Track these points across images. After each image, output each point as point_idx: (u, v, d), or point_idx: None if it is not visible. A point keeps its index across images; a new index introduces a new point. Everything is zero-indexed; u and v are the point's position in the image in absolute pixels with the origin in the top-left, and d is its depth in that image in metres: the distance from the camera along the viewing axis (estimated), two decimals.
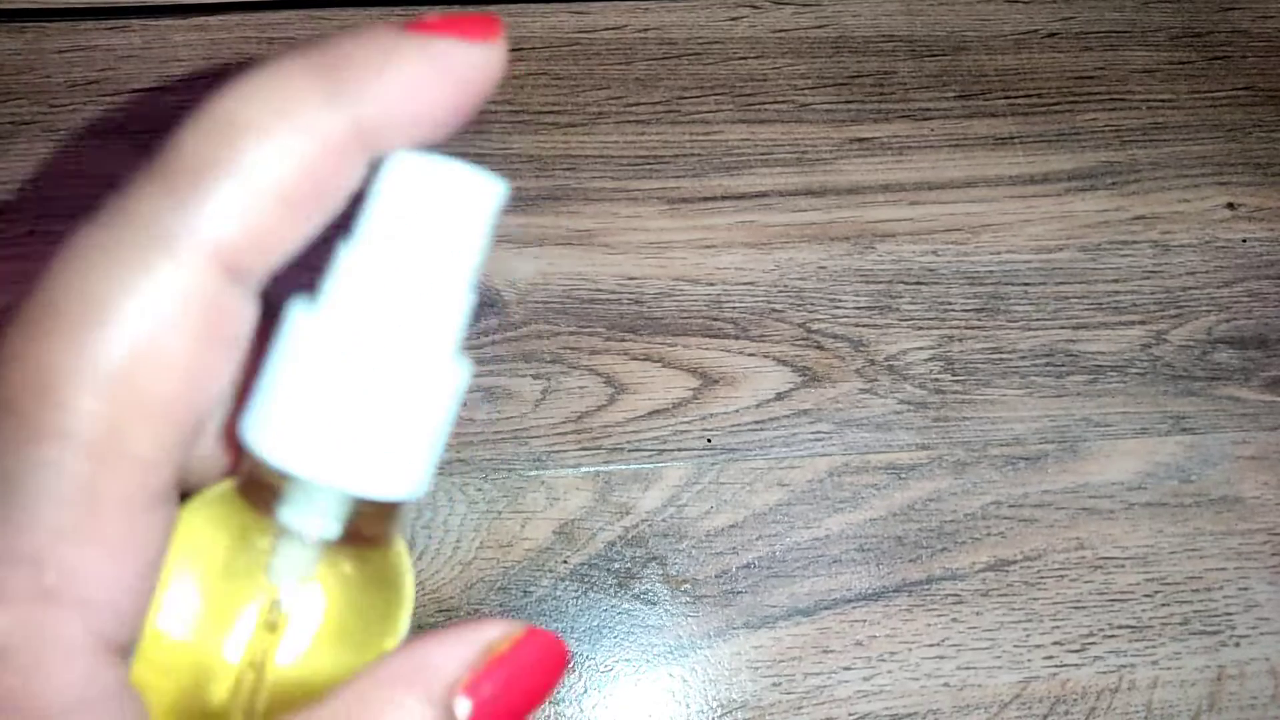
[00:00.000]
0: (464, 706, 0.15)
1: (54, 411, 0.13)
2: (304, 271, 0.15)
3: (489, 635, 0.16)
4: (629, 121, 0.47)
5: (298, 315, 0.15)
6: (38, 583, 0.13)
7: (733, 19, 0.50)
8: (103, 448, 0.13)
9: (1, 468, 0.13)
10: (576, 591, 0.39)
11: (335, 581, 0.16)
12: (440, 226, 0.16)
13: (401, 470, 0.16)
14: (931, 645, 0.39)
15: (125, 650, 0.14)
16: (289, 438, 0.15)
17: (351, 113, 0.14)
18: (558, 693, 0.37)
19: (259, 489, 0.16)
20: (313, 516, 0.16)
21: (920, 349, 0.44)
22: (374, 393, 0.15)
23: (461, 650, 0.15)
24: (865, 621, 0.39)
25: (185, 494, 0.16)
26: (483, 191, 0.17)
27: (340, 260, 0.16)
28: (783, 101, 0.48)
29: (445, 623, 0.28)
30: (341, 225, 0.16)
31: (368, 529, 0.16)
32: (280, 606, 0.16)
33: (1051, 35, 0.51)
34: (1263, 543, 0.42)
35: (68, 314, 0.14)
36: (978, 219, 0.47)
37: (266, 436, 0.15)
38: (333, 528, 0.16)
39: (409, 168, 0.16)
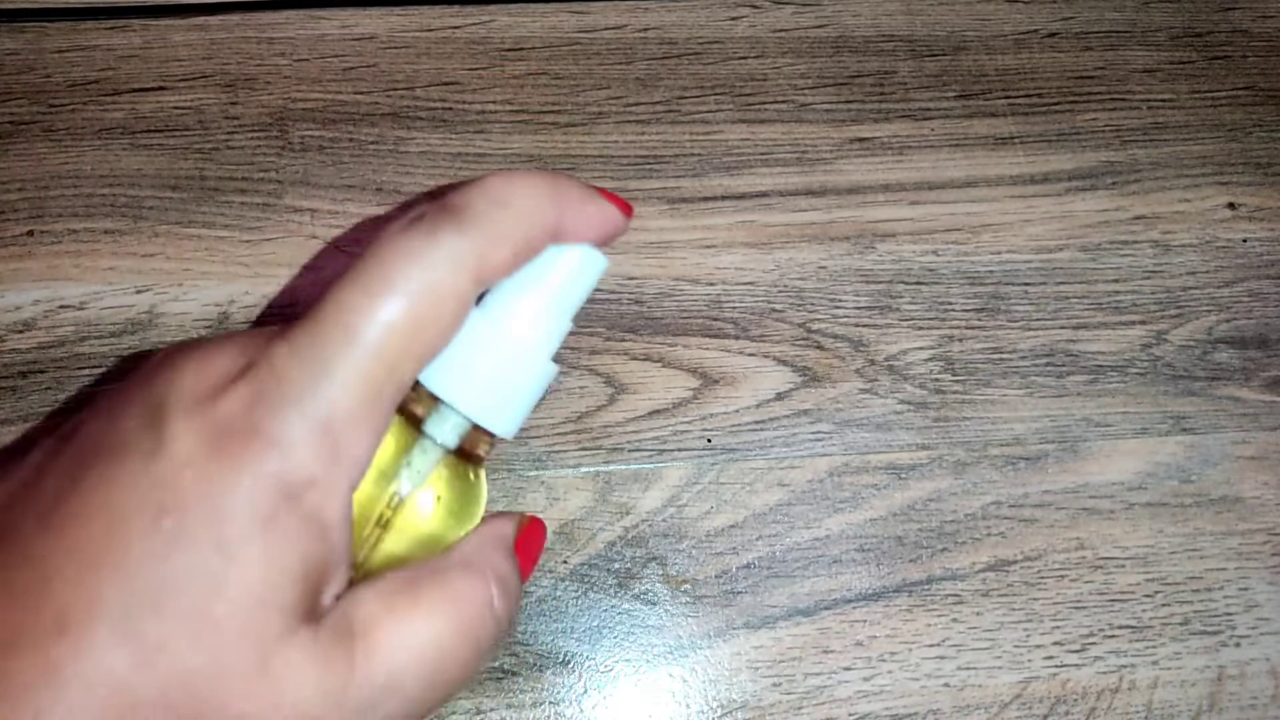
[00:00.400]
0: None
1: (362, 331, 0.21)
2: None
3: (515, 520, 0.26)
4: (629, 121, 0.47)
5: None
6: (333, 449, 0.20)
7: (733, 19, 0.50)
8: (388, 365, 0.21)
9: (323, 359, 0.21)
10: (576, 591, 0.39)
11: (444, 483, 0.25)
12: (559, 280, 0.25)
13: (503, 416, 0.25)
14: (932, 645, 0.39)
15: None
16: (448, 378, 0.24)
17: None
18: (557, 693, 0.37)
19: (419, 407, 0.24)
20: (444, 429, 0.24)
21: (920, 349, 0.44)
22: (501, 366, 0.24)
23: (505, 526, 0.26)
24: (865, 621, 0.39)
25: None
26: (590, 262, 0.26)
27: (498, 286, 0.25)
28: (783, 101, 0.48)
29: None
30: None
31: (471, 448, 0.25)
32: (403, 491, 0.24)
33: (1052, 35, 0.51)
34: (1263, 543, 0.42)
35: (386, 281, 0.21)
36: (978, 219, 0.47)
37: (435, 375, 0.24)
38: (452, 439, 0.25)
39: (551, 251, 0.25)
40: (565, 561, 0.39)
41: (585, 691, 0.38)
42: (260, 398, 0.20)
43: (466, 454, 0.25)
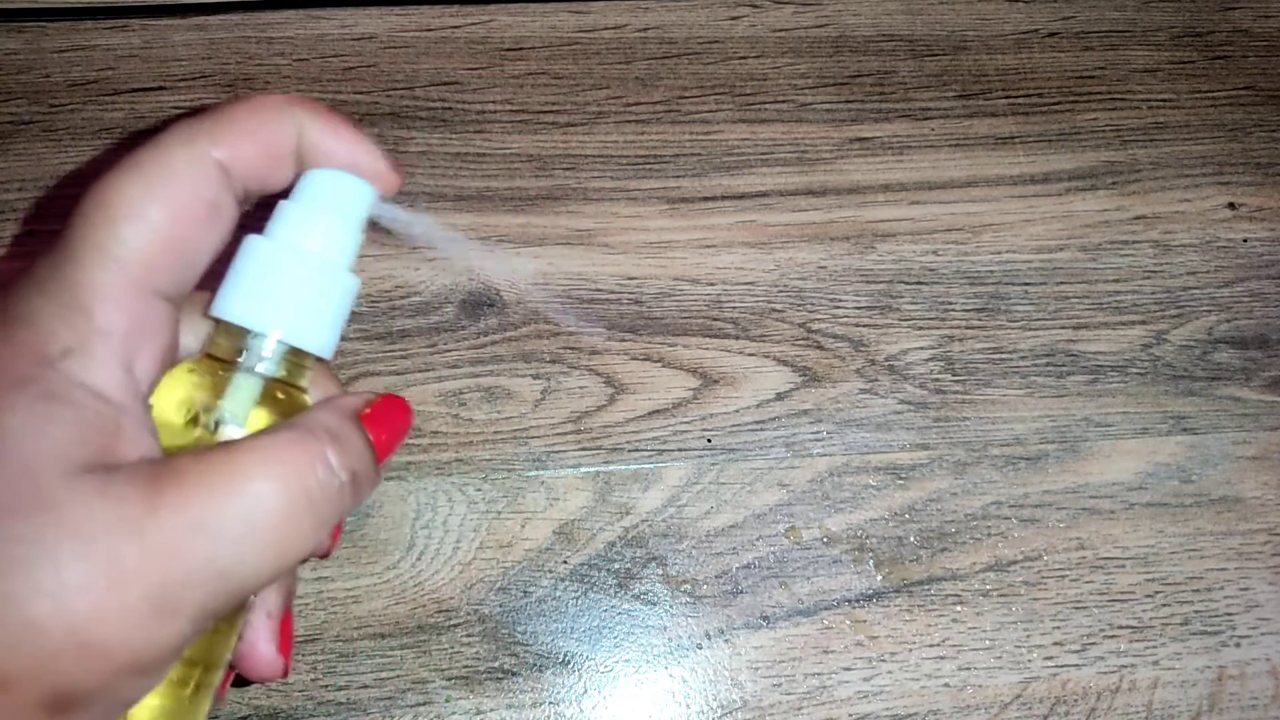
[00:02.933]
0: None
1: (111, 227, 0.22)
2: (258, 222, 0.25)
3: (365, 395, 0.25)
4: (629, 121, 0.47)
5: (251, 239, 0.24)
6: (86, 322, 0.21)
7: (733, 18, 0.50)
8: (132, 245, 0.22)
9: (67, 245, 0.22)
10: (576, 591, 0.39)
11: (270, 417, 0.24)
12: (337, 196, 0.25)
13: (316, 334, 0.24)
14: (932, 645, 0.39)
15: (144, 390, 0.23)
16: (248, 306, 0.24)
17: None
18: (557, 693, 0.37)
19: (224, 349, 0.24)
20: (259, 358, 0.24)
21: (920, 349, 0.44)
22: (300, 283, 0.24)
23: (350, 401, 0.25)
24: (865, 621, 0.39)
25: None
26: (365, 189, 0.26)
27: (280, 211, 0.25)
28: (783, 101, 0.48)
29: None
30: (282, 195, 0.25)
31: (292, 377, 0.25)
32: (229, 429, 0.24)
33: (1052, 35, 0.51)
34: (1263, 543, 0.42)
35: (123, 173, 0.22)
36: (978, 219, 0.46)
37: (233, 306, 0.24)
38: (271, 366, 0.24)
39: (320, 172, 0.25)
40: (565, 561, 0.39)
41: (585, 691, 0.38)
42: (13, 288, 0.22)
43: (288, 384, 0.25)
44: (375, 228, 0.26)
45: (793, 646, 0.39)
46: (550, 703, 0.37)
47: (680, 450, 0.41)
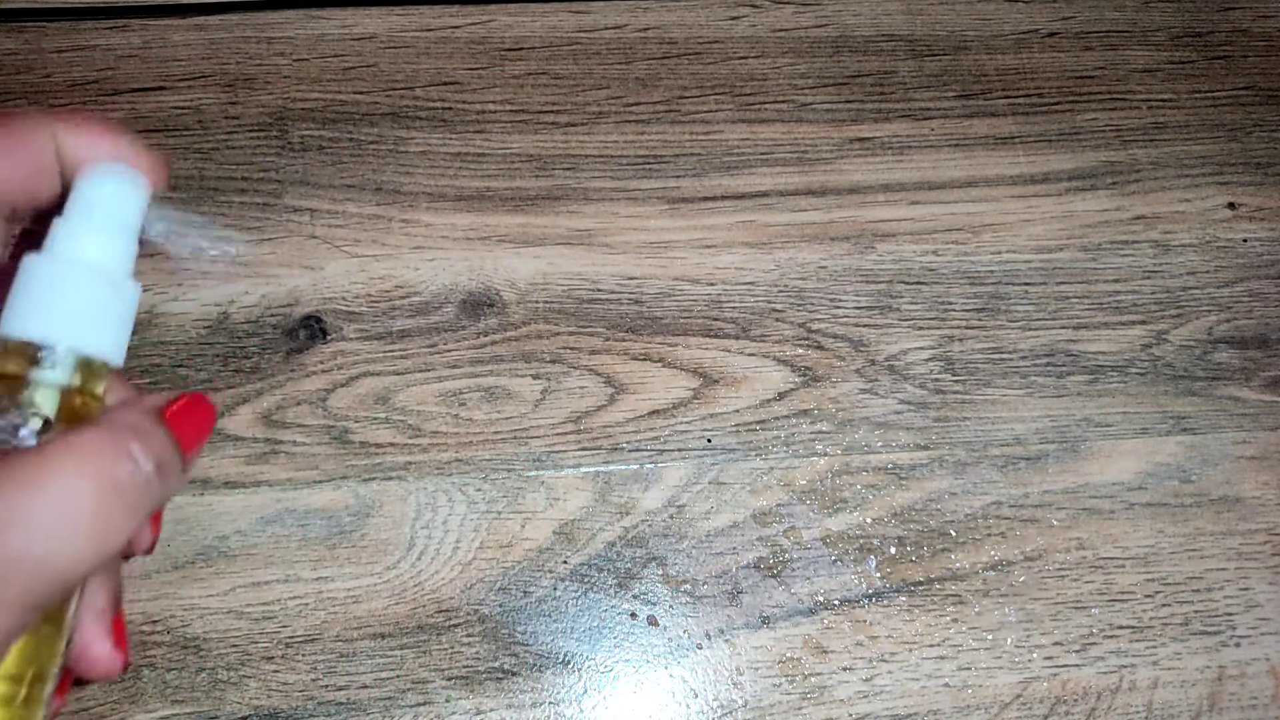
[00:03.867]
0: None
1: None
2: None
3: (166, 395, 0.26)
4: (629, 121, 0.47)
5: (29, 258, 0.24)
6: None
7: (733, 18, 0.50)
8: None
9: None
10: (576, 591, 0.39)
11: (67, 421, 0.24)
12: (107, 203, 0.25)
13: (106, 340, 0.25)
14: (932, 645, 0.39)
15: None
16: (33, 320, 0.24)
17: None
18: (557, 693, 0.37)
19: (14, 367, 0.24)
20: (52, 369, 0.24)
21: (920, 349, 0.44)
22: (82, 293, 0.25)
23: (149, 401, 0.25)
24: (865, 621, 0.39)
25: None
26: (136, 182, 0.26)
27: (54, 226, 0.25)
28: (783, 101, 0.48)
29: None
30: (57, 210, 0.25)
31: (87, 387, 0.25)
32: (25, 442, 0.23)
33: (1052, 35, 0.51)
34: (1263, 543, 0.42)
35: None
36: (978, 219, 0.46)
37: (18, 323, 0.24)
38: (64, 375, 0.24)
39: (89, 176, 0.26)
40: (565, 561, 0.39)
41: (585, 692, 0.38)
42: None
43: (84, 393, 0.25)
44: (145, 247, 0.27)
45: (793, 646, 0.39)
46: (550, 703, 0.37)
47: (680, 450, 0.41)
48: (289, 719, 0.36)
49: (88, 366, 0.25)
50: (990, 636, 0.40)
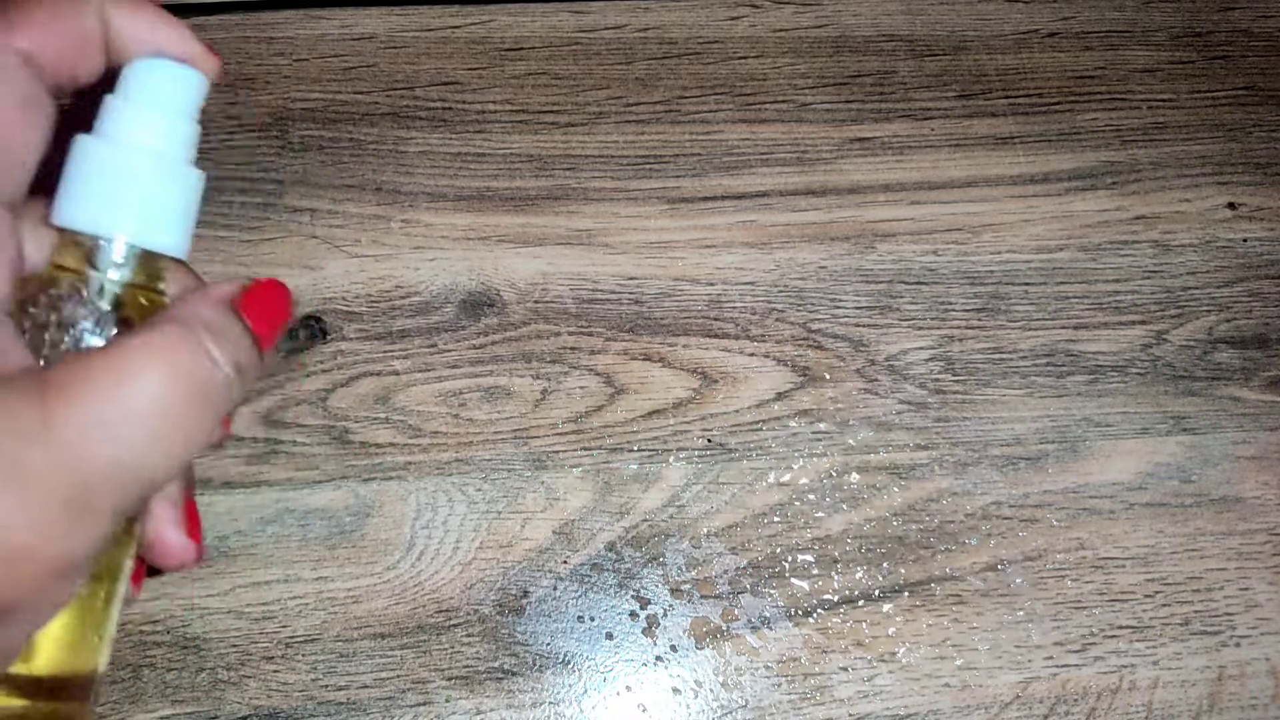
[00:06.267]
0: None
1: None
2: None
3: (239, 282, 0.24)
4: (629, 121, 0.47)
5: (82, 139, 0.23)
6: None
7: (733, 18, 0.50)
8: None
9: None
10: (576, 592, 0.39)
11: (130, 315, 0.23)
12: (163, 86, 0.24)
13: (167, 232, 0.23)
14: (932, 645, 0.39)
15: None
16: (90, 211, 0.23)
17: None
18: (557, 693, 0.37)
19: (73, 258, 0.23)
20: (113, 264, 0.23)
21: (920, 349, 0.44)
22: (141, 181, 0.23)
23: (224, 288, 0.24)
24: (865, 621, 0.39)
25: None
26: (193, 77, 0.25)
27: (107, 106, 0.24)
28: (783, 101, 0.48)
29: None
30: (101, 87, 0.24)
31: (149, 281, 0.24)
32: (87, 340, 0.23)
33: (1052, 35, 0.51)
34: (1263, 543, 0.42)
35: None
36: (978, 219, 0.46)
37: (75, 212, 0.23)
38: (125, 273, 0.23)
39: (146, 60, 0.24)
40: (565, 561, 0.39)
41: (585, 692, 0.38)
42: None
43: (147, 289, 0.24)
44: None
45: (793, 646, 0.39)
46: (550, 703, 0.37)
47: (680, 450, 0.41)
48: (289, 719, 0.36)
49: (150, 260, 0.24)
50: (990, 636, 0.40)
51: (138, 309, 0.24)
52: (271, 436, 0.39)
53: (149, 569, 0.27)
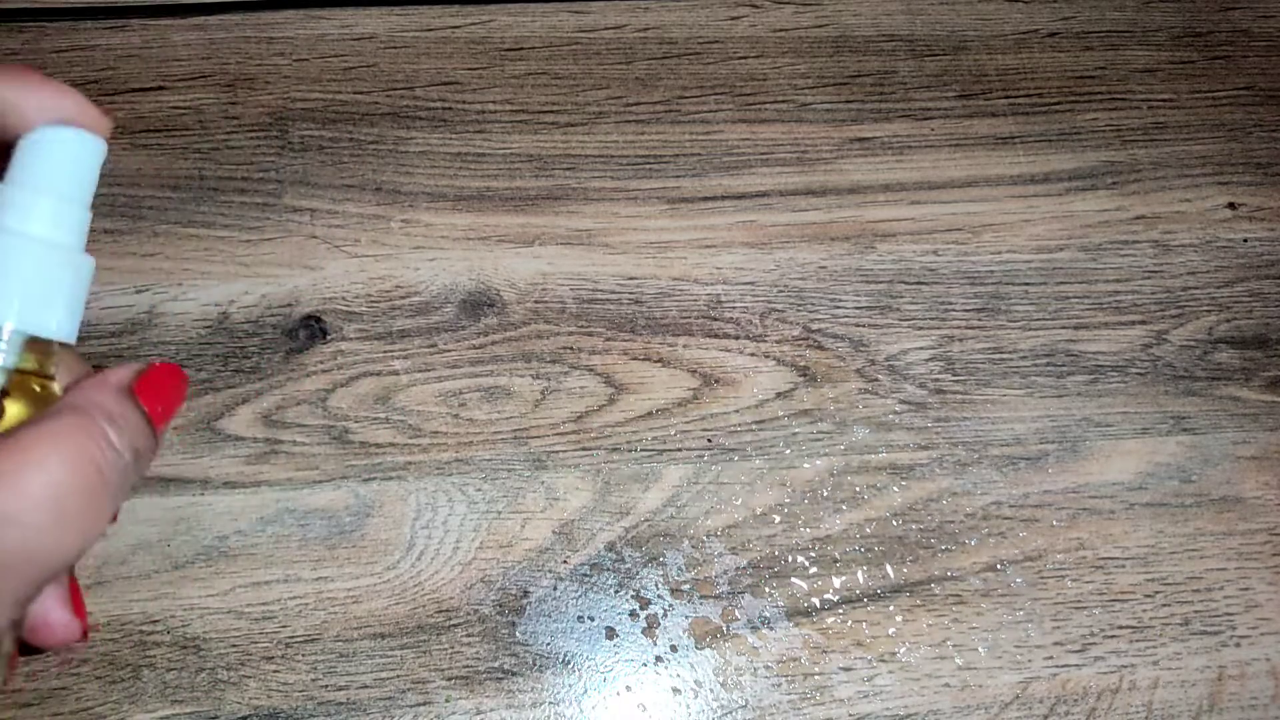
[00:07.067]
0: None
1: None
2: None
3: (134, 366, 0.25)
4: (629, 121, 0.47)
5: None
6: None
7: (733, 18, 0.50)
8: None
9: None
10: (576, 592, 0.39)
11: (18, 408, 0.23)
12: (61, 169, 0.24)
13: (56, 318, 0.24)
14: (932, 645, 0.39)
15: None
16: None
17: None
18: (557, 693, 0.37)
19: None
20: (3, 351, 0.23)
21: (920, 349, 0.44)
22: (31, 268, 0.23)
23: (118, 375, 0.24)
24: (865, 621, 0.39)
25: None
26: (90, 145, 0.24)
27: (3, 197, 0.23)
28: (783, 101, 0.48)
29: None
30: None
31: (38, 367, 0.24)
32: None
33: (1052, 35, 0.51)
34: (1263, 543, 0.42)
35: None
36: (978, 219, 0.46)
37: None
38: (13, 358, 0.23)
39: (36, 136, 0.24)
40: (565, 561, 0.39)
41: (585, 692, 0.38)
42: None
43: (36, 374, 0.24)
44: None
45: (792, 646, 0.39)
46: (550, 703, 0.37)
47: (680, 450, 0.41)
48: (289, 719, 0.36)
49: (39, 345, 0.24)
50: (990, 636, 0.40)
51: (28, 395, 0.24)
52: (271, 436, 0.39)
53: (26, 647, 0.27)
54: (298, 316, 0.41)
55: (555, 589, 0.39)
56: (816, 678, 0.38)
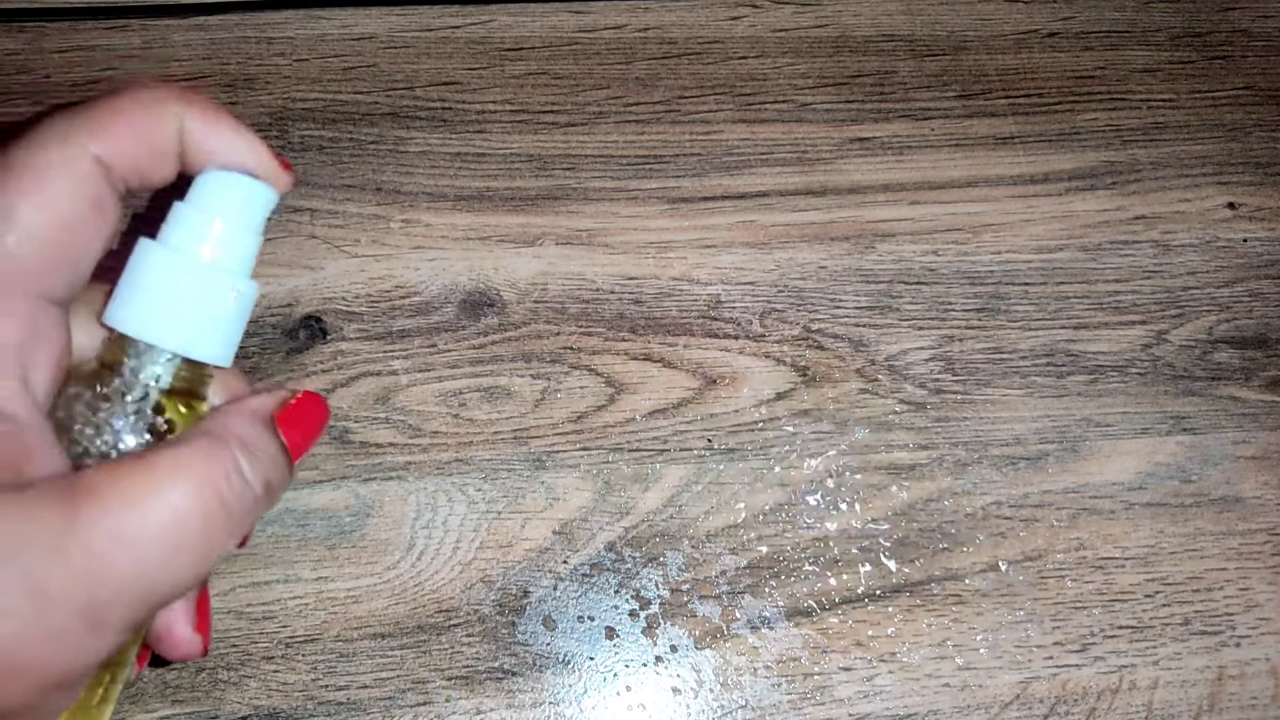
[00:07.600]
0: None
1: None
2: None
3: (278, 396, 0.25)
4: (629, 121, 0.47)
5: (146, 245, 0.23)
6: None
7: (733, 18, 0.50)
8: (23, 266, 0.21)
9: None
10: (576, 592, 0.39)
11: (171, 417, 0.24)
12: (232, 200, 0.24)
13: (213, 344, 0.24)
14: (932, 645, 0.39)
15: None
16: (143, 317, 0.23)
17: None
18: (557, 693, 0.37)
19: (119, 357, 0.23)
20: (153, 370, 0.24)
21: (920, 349, 0.44)
22: (196, 294, 0.23)
23: (265, 399, 0.25)
24: (865, 621, 0.39)
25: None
26: (262, 192, 0.25)
27: (175, 214, 0.24)
28: (783, 101, 0.48)
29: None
30: (177, 188, 0.24)
31: (191, 386, 0.24)
32: (124, 442, 0.23)
33: (1052, 35, 0.51)
34: (1263, 543, 0.42)
35: (17, 173, 0.22)
36: (978, 219, 0.46)
37: (127, 316, 0.23)
38: (168, 378, 0.24)
39: (218, 174, 0.25)
40: (565, 561, 0.39)
41: (585, 692, 0.38)
42: None
43: (189, 393, 0.24)
44: None
45: (792, 646, 0.39)
46: (550, 703, 0.37)
47: (680, 450, 0.41)
48: (289, 719, 0.36)
49: (194, 368, 0.24)
50: (990, 636, 0.40)
51: (178, 415, 0.24)
52: None
53: (153, 656, 0.27)
54: (298, 316, 0.41)
55: (555, 589, 0.39)
56: (816, 678, 0.38)
